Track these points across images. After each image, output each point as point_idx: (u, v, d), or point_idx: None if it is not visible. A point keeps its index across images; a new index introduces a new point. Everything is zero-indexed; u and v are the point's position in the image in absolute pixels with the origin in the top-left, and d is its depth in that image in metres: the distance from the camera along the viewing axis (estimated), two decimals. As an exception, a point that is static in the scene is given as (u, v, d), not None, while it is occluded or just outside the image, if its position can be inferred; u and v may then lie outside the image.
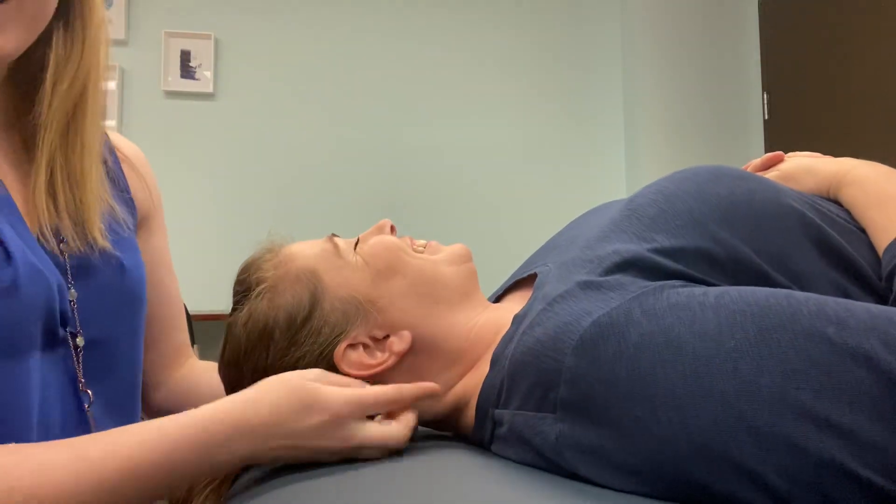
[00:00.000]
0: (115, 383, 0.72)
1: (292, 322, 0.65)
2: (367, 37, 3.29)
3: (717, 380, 0.46)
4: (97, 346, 0.69)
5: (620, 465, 0.49)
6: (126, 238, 0.75)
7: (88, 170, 0.70)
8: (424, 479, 0.53)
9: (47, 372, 0.64)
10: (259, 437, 0.55)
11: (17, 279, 0.60)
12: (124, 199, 0.79)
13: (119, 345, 0.73)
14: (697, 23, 3.12)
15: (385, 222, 0.73)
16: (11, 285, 0.60)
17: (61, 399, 0.66)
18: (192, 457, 0.54)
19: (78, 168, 0.69)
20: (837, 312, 0.47)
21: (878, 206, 0.63)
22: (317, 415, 0.56)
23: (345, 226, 3.24)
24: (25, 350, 0.61)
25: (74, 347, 0.67)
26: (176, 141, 3.10)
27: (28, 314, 0.61)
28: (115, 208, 0.74)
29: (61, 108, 0.67)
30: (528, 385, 0.56)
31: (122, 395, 0.73)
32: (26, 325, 0.61)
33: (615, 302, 0.52)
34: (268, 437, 0.56)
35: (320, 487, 0.53)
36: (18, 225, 0.65)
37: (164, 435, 0.54)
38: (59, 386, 0.66)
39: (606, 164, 3.41)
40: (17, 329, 0.60)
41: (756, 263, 0.57)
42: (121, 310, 0.73)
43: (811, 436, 0.43)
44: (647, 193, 0.63)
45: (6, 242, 0.61)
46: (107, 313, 0.71)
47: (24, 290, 0.60)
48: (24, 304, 0.61)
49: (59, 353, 0.66)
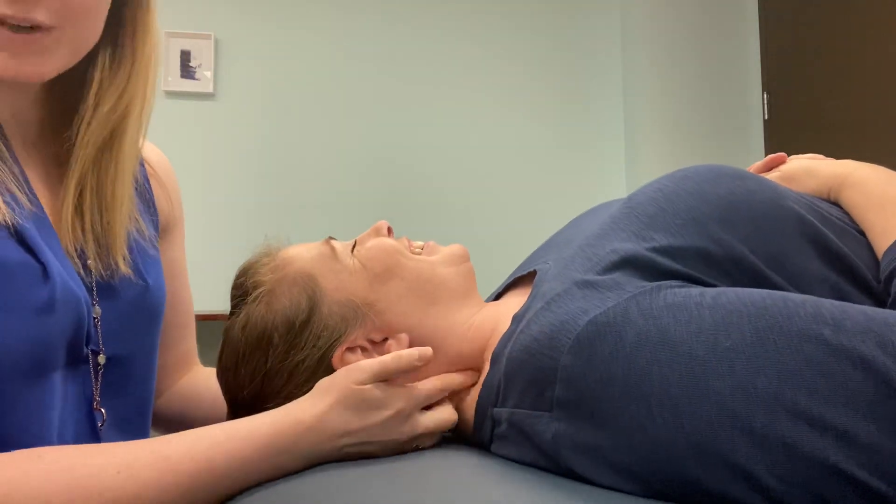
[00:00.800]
0: (128, 400, 0.72)
1: (291, 326, 0.65)
2: (367, 36, 3.29)
3: (712, 379, 0.46)
4: (115, 364, 0.69)
5: (616, 463, 0.49)
6: (150, 256, 0.74)
7: (120, 194, 0.68)
8: (421, 480, 0.54)
9: (68, 390, 0.64)
10: (326, 438, 0.59)
11: (53, 298, 0.59)
12: (149, 211, 0.78)
13: (135, 362, 0.72)
14: (698, 23, 3.12)
15: (382, 224, 0.73)
16: (48, 304, 0.59)
17: (75, 417, 0.66)
18: (262, 457, 0.57)
19: (109, 191, 0.67)
20: (834, 314, 0.47)
21: (879, 209, 0.64)
22: (386, 410, 0.61)
23: (344, 225, 3.24)
24: (51, 369, 0.61)
25: (94, 366, 0.67)
26: (176, 141, 3.10)
27: (60, 333, 0.61)
28: (142, 225, 0.73)
29: (99, 130, 0.65)
30: (525, 383, 0.56)
31: (132, 412, 0.73)
32: (55, 344, 0.61)
33: (612, 301, 0.52)
34: (334, 436, 0.59)
35: (322, 487, 0.54)
36: (53, 243, 0.64)
37: (235, 438, 0.57)
38: (75, 403, 0.65)
39: (606, 163, 3.41)
40: (47, 348, 0.60)
41: (754, 264, 0.57)
42: (141, 327, 0.73)
43: (806, 436, 0.44)
44: (647, 192, 0.63)
45: (45, 259, 0.60)
46: (127, 331, 0.70)
47: (59, 309, 0.60)
48: (58, 324, 0.60)
49: (80, 372, 0.66)
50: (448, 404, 0.66)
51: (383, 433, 0.61)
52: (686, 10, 3.12)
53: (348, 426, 0.59)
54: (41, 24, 0.57)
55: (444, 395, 0.65)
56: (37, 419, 0.60)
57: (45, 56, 0.59)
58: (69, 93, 0.66)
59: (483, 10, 3.38)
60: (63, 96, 0.67)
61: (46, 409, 0.61)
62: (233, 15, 3.18)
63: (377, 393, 0.60)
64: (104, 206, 0.67)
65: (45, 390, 0.60)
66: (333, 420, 0.59)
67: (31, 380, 0.59)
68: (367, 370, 0.61)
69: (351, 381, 0.60)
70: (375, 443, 0.61)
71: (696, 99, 3.10)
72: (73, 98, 0.66)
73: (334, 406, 0.60)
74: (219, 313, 2.56)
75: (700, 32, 3.12)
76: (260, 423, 0.59)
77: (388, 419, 0.60)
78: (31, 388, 0.59)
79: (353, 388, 0.60)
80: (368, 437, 0.60)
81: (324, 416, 0.59)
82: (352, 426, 0.59)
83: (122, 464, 0.53)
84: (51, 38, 0.58)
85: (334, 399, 0.60)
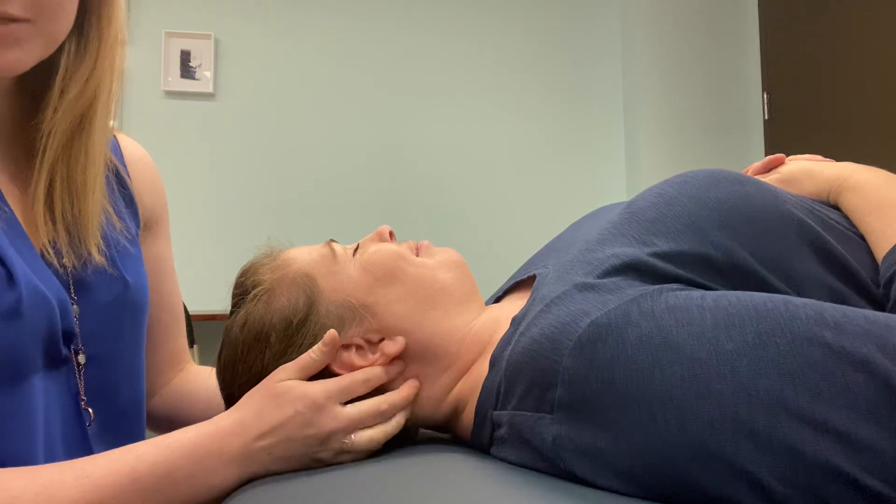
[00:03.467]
0: (117, 399, 0.71)
1: (288, 325, 0.65)
2: (367, 37, 3.29)
3: (714, 382, 0.46)
4: (99, 362, 0.69)
5: (617, 465, 0.49)
6: (129, 252, 0.73)
7: (91, 181, 0.67)
8: (418, 482, 0.53)
9: (50, 391, 0.64)
10: (249, 440, 0.58)
11: (20, 303, 0.59)
12: (127, 204, 0.77)
13: (121, 360, 0.72)
14: (698, 23, 3.12)
15: (384, 229, 0.73)
16: (14, 309, 0.59)
17: (62, 417, 0.65)
18: (187, 464, 0.57)
19: (80, 179, 0.66)
20: (835, 318, 0.47)
21: (878, 212, 0.63)
22: (297, 403, 0.60)
23: (344, 225, 3.24)
24: (28, 372, 0.61)
25: (77, 365, 0.67)
26: (176, 141, 3.10)
27: (30, 338, 0.60)
28: (115, 218, 0.72)
29: (66, 117, 0.65)
30: (525, 386, 0.56)
31: (123, 410, 0.73)
32: (28, 348, 0.61)
33: (613, 303, 0.52)
34: (256, 437, 0.59)
35: (317, 491, 0.53)
36: (20, 242, 0.63)
37: (160, 447, 0.57)
38: (61, 404, 0.65)
39: (606, 164, 3.41)
40: (19, 353, 0.60)
41: (754, 268, 0.57)
42: (123, 324, 0.72)
43: (808, 439, 0.43)
44: (647, 197, 0.63)
45: (10, 264, 0.59)
46: (109, 328, 0.70)
47: (26, 313, 0.59)
48: (27, 327, 0.60)
49: (62, 372, 0.65)
50: (397, 418, 0.64)
51: (301, 428, 0.59)
52: (686, 10, 3.12)
53: (264, 425, 0.59)
54: (15, 16, 0.57)
55: (371, 385, 0.63)
56: (18, 424, 0.60)
57: (21, 47, 0.58)
58: (37, 83, 0.66)
59: (483, 11, 3.38)
60: (31, 87, 0.67)
61: (27, 413, 0.60)
62: (233, 15, 3.18)
63: (288, 387, 0.60)
64: (75, 193, 0.66)
65: (23, 395, 0.60)
66: (250, 420, 0.59)
67: (6, 386, 0.59)
68: (287, 368, 0.62)
69: (268, 382, 0.61)
70: (298, 441, 0.59)
71: (696, 99, 3.10)
72: (41, 88, 0.65)
73: (253, 406, 0.60)
74: (218, 313, 2.56)
75: (700, 33, 3.12)
76: (185, 433, 0.59)
77: (302, 411, 0.59)
78: (7, 394, 0.59)
79: (269, 388, 0.61)
80: (287, 433, 0.59)
81: (242, 418, 0.59)
82: (267, 424, 0.59)
83: (43, 485, 0.53)
84: (25, 30, 0.58)
85: (255, 401, 0.60)
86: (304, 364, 0.63)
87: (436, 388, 0.67)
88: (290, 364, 0.63)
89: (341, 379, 0.63)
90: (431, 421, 0.69)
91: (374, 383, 0.64)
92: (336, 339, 0.64)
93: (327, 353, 0.63)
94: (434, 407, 0.67)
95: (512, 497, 0.49)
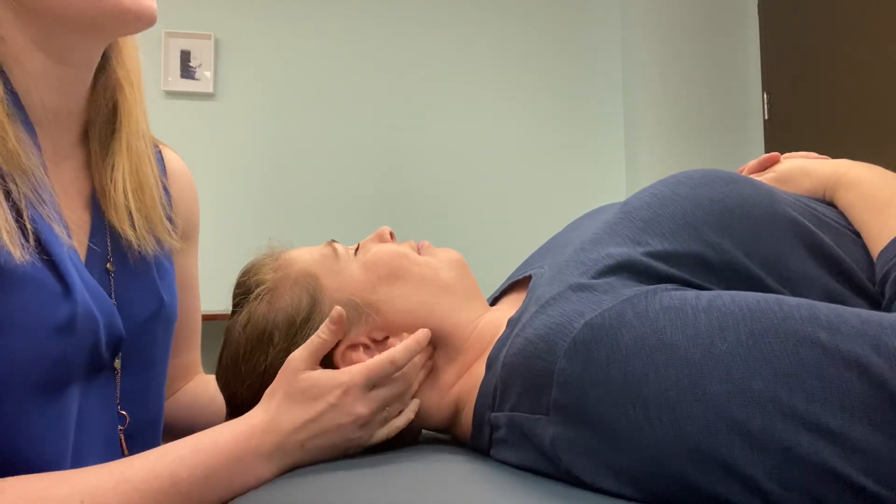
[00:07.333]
0: (147, 404, 0.72)
1: (291, 324, 0.65)
2: (367, 36, 3.29)
3: (709, 383, 0.46)
4: (135, 368, 0.69)
5: (615, 466, 0.49)
6: (165, 268, 0.75)
7: (146, 173, 0.72)
8: (417, 483, 0.54)
9: (86, 397, 0.64)
10: (284, 436, 0.59)
11: (74, 317, 0.59)
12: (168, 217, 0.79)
13: (154, 366, 0.73)
14: (697, 23, 3.12)
15: (384, 229, 0.74)
16: (69, 323, 0.59)
17: (96, 421, 0.66)
18: (227, 465, 0.57)
19: (144, 172, 0.72)
20: (829, 318, 0.47)
21: (874, 209, 0.63)
22: (329, 396, 0.60)
23: (344, 225, 3.24)
24: (69, 381, 0.61)
25: (114, 371, 0.67)
26: (176, 141, 3.09)
27: (78, 351, 0.61)
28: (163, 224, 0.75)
29: (133, 113, 0.72)
30: (521, 387, 0.56)
31: (150, 415, 0.74)
32: (75, 360, 0.61)
33: (607, 304, 0.52)
34: (290, 432, 0.59)
35: (317, 491, 0.53)
36: (74, 255, 0.63)
37: (198, 450, 0.57)
38: (96, 409, 0.66)
39: (606, 164, 3.40)
40: (66, 365, 0.60)
41: (749, 268, 0.57)
42: (158, 331, 0.73)
43: (803, 440, 0.44)
44: (642, 197, 0.63)
45: (69, 280, 0.60)
46: (147, 335, 0.71)
47: (78, 328, 0.60)
48: (77, 341, 0.61)
49: (100, 379, 0.66)
50: (416, 400, 0.66)
51: (336, 418, 0.60)
52: (686, 9, 3.12)
53: (298, 419, 0.59)
54: None
55: (398, 367, 0.63)
56: (51, 430, 0.60)
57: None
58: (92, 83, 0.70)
59: (483, 10, 3.38)
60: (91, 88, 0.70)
61: (60, 419, 0.61)
62: (233, 15, 3.18)
63: (315, 379, 0.60)
64: (136, 184, 0.71)
65: (61, 401, 0.61)
66: (283, 417, 0.59)
67: (49, 395, 0.59)
68: (297, 357, 0.62)
69: (288, 375, 0.61)
70: (333, 431, 0.60)
71: (696, 99, 3.10)
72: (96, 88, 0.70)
73: (281, 404, 0.60)
74: (218, 314, 2.56)
75: (700, 32, 3.12)
76: (219, 434, 0.59)
77: (336, 402, 0.60)
78: (48, 402, 0.59)
79: (292, 382, 0.61)
80: (322, 426, 0.60)
81: (275, 416, 0.60)
82: (300, 419, 0.59)
83: (85, 492, 0.53)
84: None
85: (280, 397, 0.60)
86: (314, 348, 0.62)
87: (441, 379, 0.67)
88: (301, 352, 0.62)
89: (367, 363, 0.62)
90: (433, 421, 0.69)
91: (400, 361, 0.63)
92: (343, 315, 0.63)
93: (335, 332, 0.63)
94: (437, 399, 0.67)
95: (511, 498, 0.49)
